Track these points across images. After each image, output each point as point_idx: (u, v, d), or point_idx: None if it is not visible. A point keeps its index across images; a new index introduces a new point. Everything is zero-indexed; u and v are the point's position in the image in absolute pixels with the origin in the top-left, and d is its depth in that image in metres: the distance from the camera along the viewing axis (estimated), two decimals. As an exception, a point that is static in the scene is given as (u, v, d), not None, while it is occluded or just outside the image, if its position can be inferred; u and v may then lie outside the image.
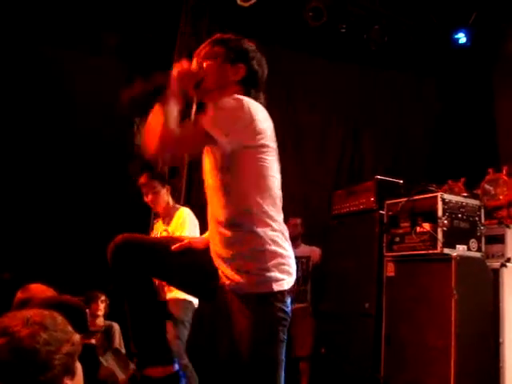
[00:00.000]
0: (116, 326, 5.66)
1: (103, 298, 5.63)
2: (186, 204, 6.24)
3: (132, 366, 4.63)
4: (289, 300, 2.36)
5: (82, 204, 5.96)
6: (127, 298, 2.45)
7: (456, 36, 7.35)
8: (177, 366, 2.49)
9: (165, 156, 2.50)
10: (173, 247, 2.50)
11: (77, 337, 1.65)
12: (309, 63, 7.34)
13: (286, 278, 2.34)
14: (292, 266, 2.40)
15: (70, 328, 1.64)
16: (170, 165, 6.11)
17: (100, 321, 5.63)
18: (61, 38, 5.91)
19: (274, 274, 2.30)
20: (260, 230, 2.32)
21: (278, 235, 2.37)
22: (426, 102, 7.89)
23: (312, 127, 7.47)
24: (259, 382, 2.32)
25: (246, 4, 6.23)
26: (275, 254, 2.33)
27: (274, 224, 2.36)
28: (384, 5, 7.13)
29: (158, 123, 2.29)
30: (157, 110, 2.33)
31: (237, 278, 2.32)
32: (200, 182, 2.58)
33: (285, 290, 2.32)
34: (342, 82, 7.60)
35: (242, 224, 2.33)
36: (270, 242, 2.33)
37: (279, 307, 2.31)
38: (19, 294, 3.11)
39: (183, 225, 4.64)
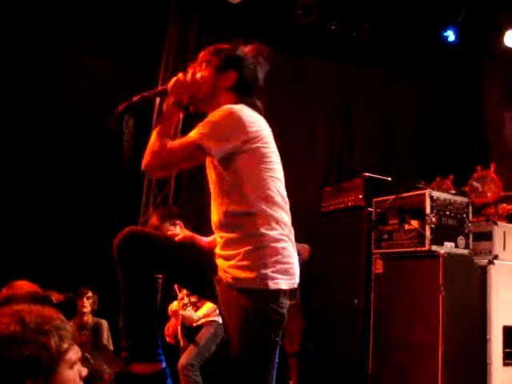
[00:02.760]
0: (104, 323, 5.64)
1: (89, 294, 5.59)
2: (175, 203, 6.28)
3: (119, 362, 4.63)
4: (285, 301, 2.30)
5: (70, 201, 5.93)
6: (127, 291, 2.45)
7: (445, 34, 7.36)
8: (164, 364, 2.49)
9: (159, 170, 2.54)
10: (176, 238, 2.56)
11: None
12: (298, 61, 7.32)
13: (284, 278, 2.29)
14: (293, 267, 2.36)
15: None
16: (162, 177, 6.13)
17: (88, 317, 5.61)
18: (57, 38, 5.89)
19: (271, 271, 2.26)
20: (263, 232, 2.29)
21: (281, 236, 2.34)
22: (416, 100, 7.90)
23: (301, 124, 7.47)
24: (246, 381, 2.30)
25: (235, 1, 6.21)
26: (275, 252, 2.30)
27: (277, 226, 2.34)
28: (373, 3, 7.14)
29: (154, 138, 2.37)
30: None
31: (234, 272, 2.30)
32: (190, 181, 2.60)
33: (280, 290, 2.27)
34: (332, 80, 7.60)
35: (245, 226, 2.32)
36: (272, 240, 2.30)
37: (272, 308, 2.26)
38: (4, 291, 3.10)
39: None
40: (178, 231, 4.87)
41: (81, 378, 1.66)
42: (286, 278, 2.31)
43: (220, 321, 4.76)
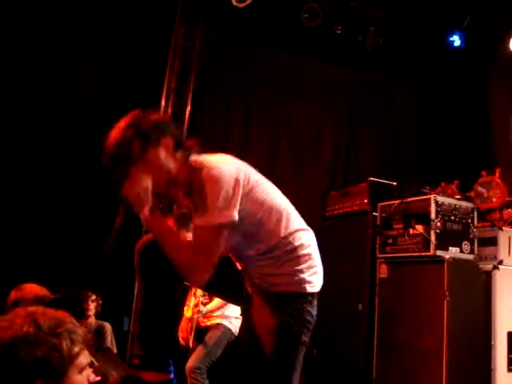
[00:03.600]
0: (108, 326, 5.64)
1: (94, 297, 5.59)
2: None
3: (124, 365, 4.64)
4: (316, 303, 2.40)
5: (73, 204, 5.92)
6: (147, 299, 2.46)
7: (451, 38, 7.36)
8: (172, 375, 2.51)
9: (207, 273, 2.24)
10: None
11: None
12: (304, 64, 7.33)
13: (317, 282, 2.39)
14: (321, 273, 2.44)
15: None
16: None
17: (91, 321, 5.61)
18: (57, 38, 5.89)
19: (308, 275, 2.35)
20: (296, 246, 2.36)
21: (310, 242, 2.43)
22: (421, 104, 7.89)
23: (306, 128, 7.47)
24: (273, 379, 2.35)
25: (242, 5, 6.21)
26: (308, 258, 2.38)
27: (304, 237, 2.42)
28: (379, 7, 7.14)
29: (172, 256, 2.24)
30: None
31: (271, 278, 2.36)
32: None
33: (315, 293, 2.38)
34: (337, 84, 7.60)
35: (277, 251, 2.35)
36: (303, 249, 2.38)
37: (307, 310, 2.35)
38: (13, 294, 3.12)
39: None
40: None
41: (89, 382, 1.67)
42: (318, 282, 2.41)
43: (226, 324, 4.77)
